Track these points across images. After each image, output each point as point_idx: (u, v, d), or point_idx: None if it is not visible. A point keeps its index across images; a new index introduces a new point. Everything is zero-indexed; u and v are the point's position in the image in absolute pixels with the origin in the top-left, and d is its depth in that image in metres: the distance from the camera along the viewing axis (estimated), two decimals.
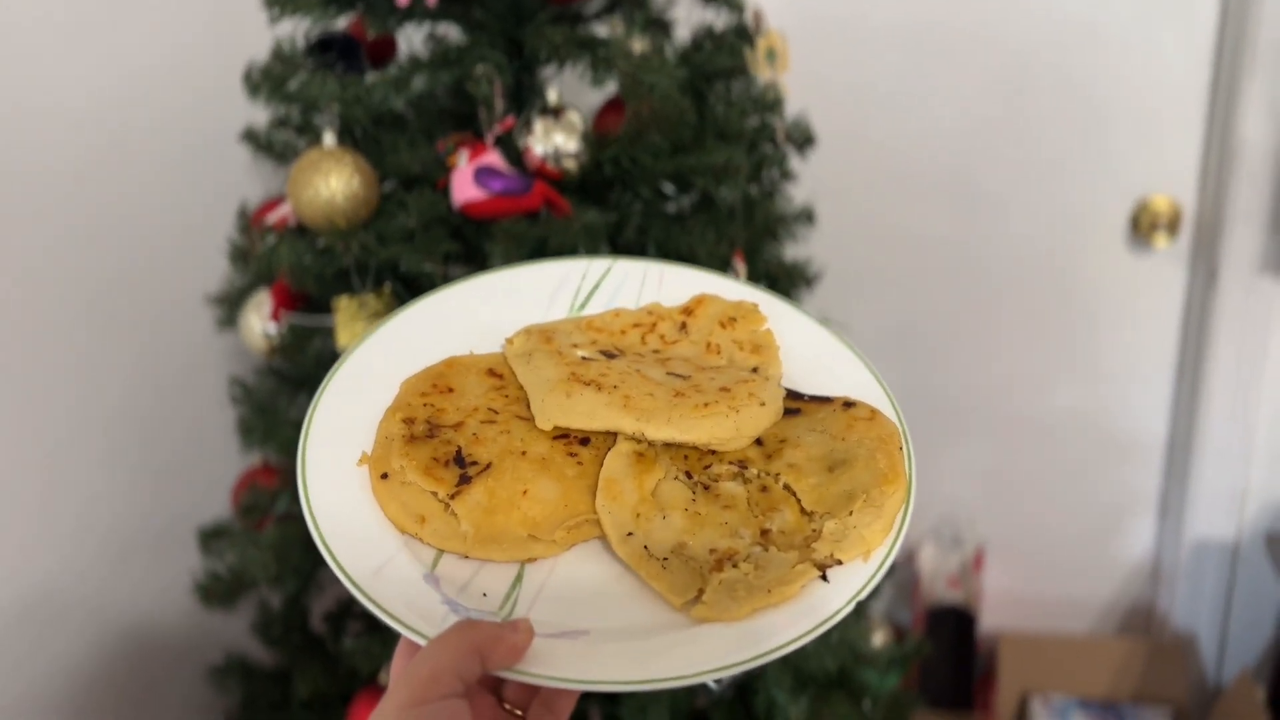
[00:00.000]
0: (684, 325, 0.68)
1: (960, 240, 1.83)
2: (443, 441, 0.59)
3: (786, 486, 0.58)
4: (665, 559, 0.54)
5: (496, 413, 0.61)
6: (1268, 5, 1.55)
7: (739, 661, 0.49)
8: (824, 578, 0.53)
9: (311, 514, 0.54)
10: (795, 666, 1.13)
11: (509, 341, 0.65)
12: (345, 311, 1.02)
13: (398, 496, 0.56)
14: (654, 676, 0.49)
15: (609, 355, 0.64)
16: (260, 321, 1.15)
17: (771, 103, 1.13)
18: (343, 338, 1.01)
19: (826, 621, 0.51)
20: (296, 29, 1.07)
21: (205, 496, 1.40)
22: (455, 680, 0.48)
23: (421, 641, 0.49)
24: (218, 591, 1.21)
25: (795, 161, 1.21)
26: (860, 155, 1.80)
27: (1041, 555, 1.97)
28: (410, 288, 1.04)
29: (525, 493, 0.56)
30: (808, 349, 0.67)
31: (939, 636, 1.82)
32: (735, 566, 0.53)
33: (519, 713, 0.53)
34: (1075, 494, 1.93)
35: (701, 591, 0.52)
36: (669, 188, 1.07)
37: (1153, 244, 1.75)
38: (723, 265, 1.05)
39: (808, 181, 1.32)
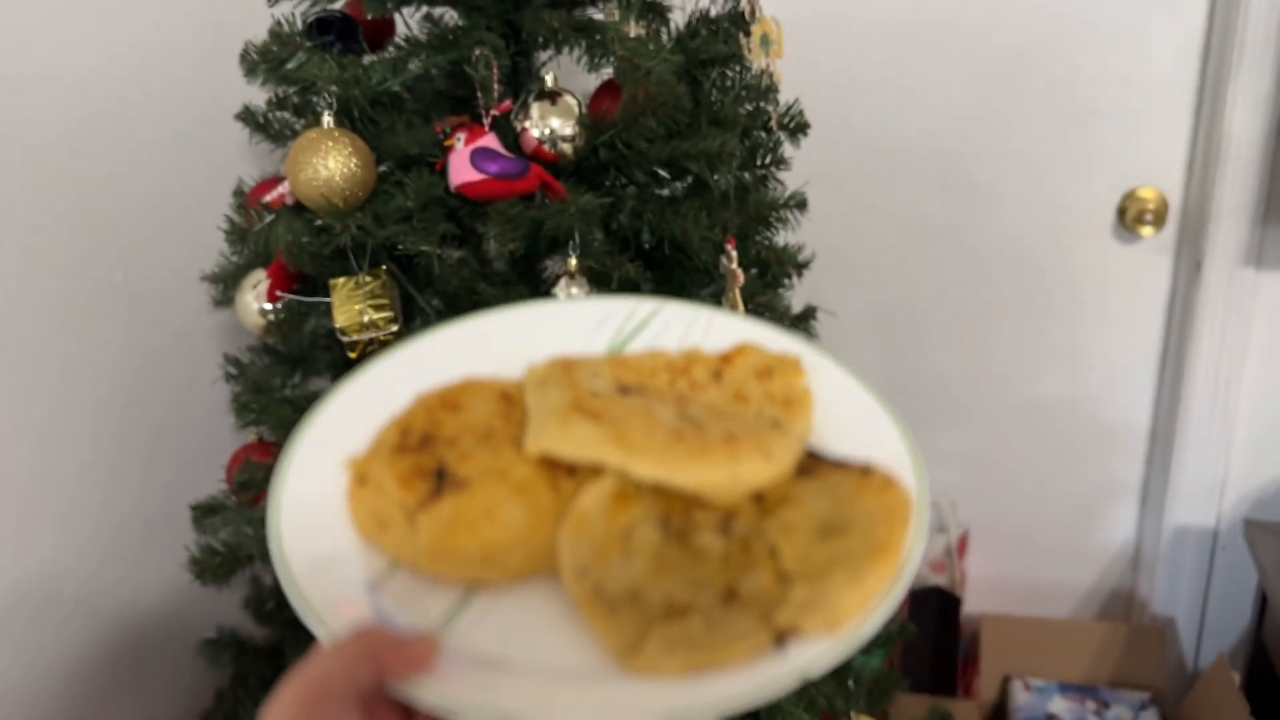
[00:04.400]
0: (719, 373, 0.65)
1: (948, 229, 1.85)
2: (430, 454, 0.58)
3: (772, 548, 0.54)
4: (615, 603, 0.51)
5: (493, 433, 0.59)
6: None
7: (667, 717, 0.46)
8: (780, 646, 0.48)
9: (276, 501, 0.54)
10: None
11: (531, 370, 0.64)
12: (341, 291, 1.03)
13: (369, 502, 0.55)
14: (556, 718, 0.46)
15: (624, 391, 0.62)
16: (256, 300, 1.16)
17: (765, 89, 1.14)
18: (339, 318, 1.02)
19: (769, 688, 0.46)
20: (294, 9, 1.07)
21: (199, 473, 1.40)
22: (347, 686, 0.45)
23: (326, 640, 0.48)
24: (211, 567, 1.22)
25: (787, 148, 1.22)
26: (850, 143, 1.82)
27: (1025, 541, 2.00)
28: (405, 268, 1.05)
29: (491, 515, 0.55)
30: (842, 408, 0.63)
31: (923, 619, 1.85)
32: (685, 621, 0.50)
33: None
34: (1059, 481, 1.96)
35: (642, 641, 0.49)
36: (663, 173, 1.08)
37: (1139, 235, 1.77)
38: (715, 250, 1.06)
39: (798, 168, 1.33)
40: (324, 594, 0.50)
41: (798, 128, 1.19)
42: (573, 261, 1.00)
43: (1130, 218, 1.77)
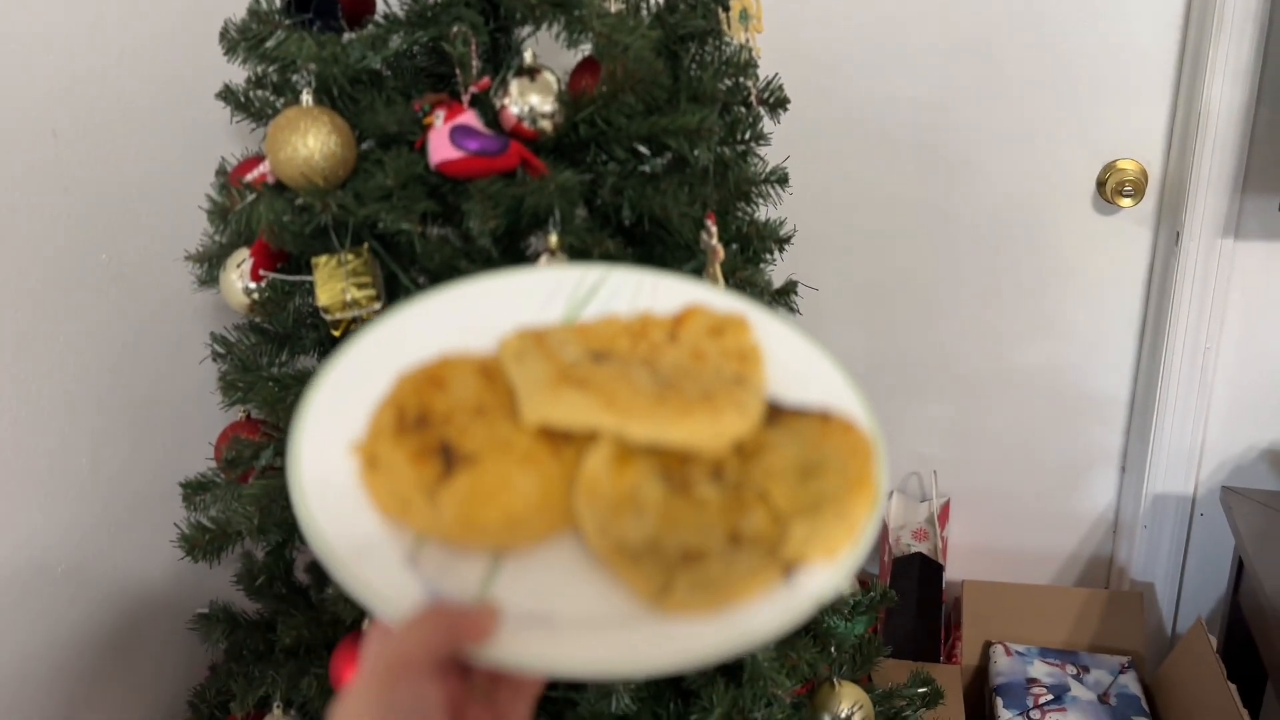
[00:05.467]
0: (674, 334, 0.70)
1: (927, 201, 1.86)
2: (432, 432, 0.61)
3: (760, 491, 0.60)
4: (638, 554, 0.56)
5: (486, 408, 0.63)
6: None
7: (708, 652, 0.51)
8: (788, 577, 0.55)
9: (302, 495, 0.57)
10: None
11: (504, 343, 0.67)
12: (324, 270, 1.04)
13: (385, 483, 0.59)
14: (622, 663, 0.51)
15: (597, 358, 0.67)
16: (240, 279, 1.17)
17: (744, 64, 1.14)
18: (322, 296, 1.03)
19: (792, 614, 0.53)
20: None
21: (188, 450, 1.42)
22: (426, 660, 0.49)
23: (394, 620, 0.51)
24: (202, 544, 1.23)
25: (767, 123, 1.23)
26: (829, 116, 1.82)
27: (1006, 508, 2.03)
28: (388, 246, 1.06)
29: (506, 485, 0.59)
30: (792, 361, 0.69)
31: (905, 586, 1.88)
32: (704, 563, 0.56)
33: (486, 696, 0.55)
34: (1039, 449, 1.98)
35: (670, 584, 0.55)
36: (643, 149, 1.09)
37: (1119, 206, 1.78)
38: (695, 226, 1.07)
39: (777, 142, 1.34)
40: (374, 575, 0.54)
41: (777, 103, 1.19)
42: (553, 238, 1.01)
43: (1110, 189, 1.78)
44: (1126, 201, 1.77)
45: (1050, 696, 1.75)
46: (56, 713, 1.31)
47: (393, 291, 1.11)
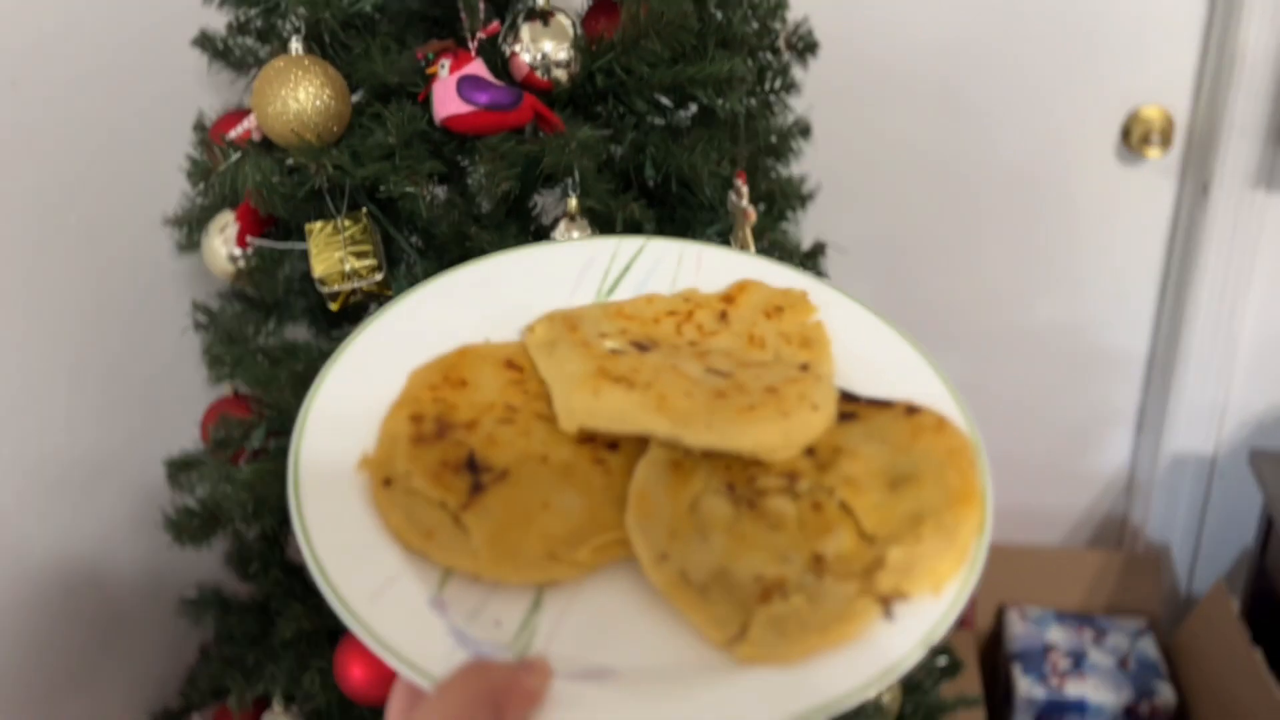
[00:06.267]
0: (724, 314, 0.60)
1: (947, 152, 1.77)
2: (454, 443, 0.51)
3: (843, 505, 0.50)
4: (705, 586, 0.47)
5: (515, 411, 0.54)
6: None
7: (795, 713, 0.42)
8: (888, 615, 0.45)
9: (304, 525, 0.47)
10: None
11: (529, 330, 0.58)
12: (319, 237, 0.95)
13: (402, 506, 0.49)
14: None
15: (641, 348, 0.57)
16: (225, 245, 1.07)
17: (774, 6, 1.05)
18: (317, 267, 0.94)
19: (894, 668, 0.43)
20: None
21: (170, 427, 1.33)
22: None
23: (425, 684, 0.42)
24: (190, 529, 1.15)
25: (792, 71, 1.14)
26: (842, 68, 1.72)
27: (1019, 466, 1.97)
28: (388, 211, 0.96)
29: (545, 505, 0.49)
30: (861, 344, 0.59)
31: None
32: (785, 598, 0.46)
33: None
34: (1054, 406, 1.92)
35: (746, 627, 0.45)
36: (665, 100, 1.00)
37: (1144, 156, 1.70)
38: (724, 185, 0.98)
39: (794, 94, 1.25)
40: (395, 625, 0.44)
41: (806, 48, 1.10)
42: (573, 202, 0.92)
43: (1135, 138, 1.70)
44: (1153, 151, 1.69)
45: (1069, 663, 1.71)
46: (37, 703, 1.24)
47: (392, 262, 1.02)
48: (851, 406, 0.55)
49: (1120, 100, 1.70)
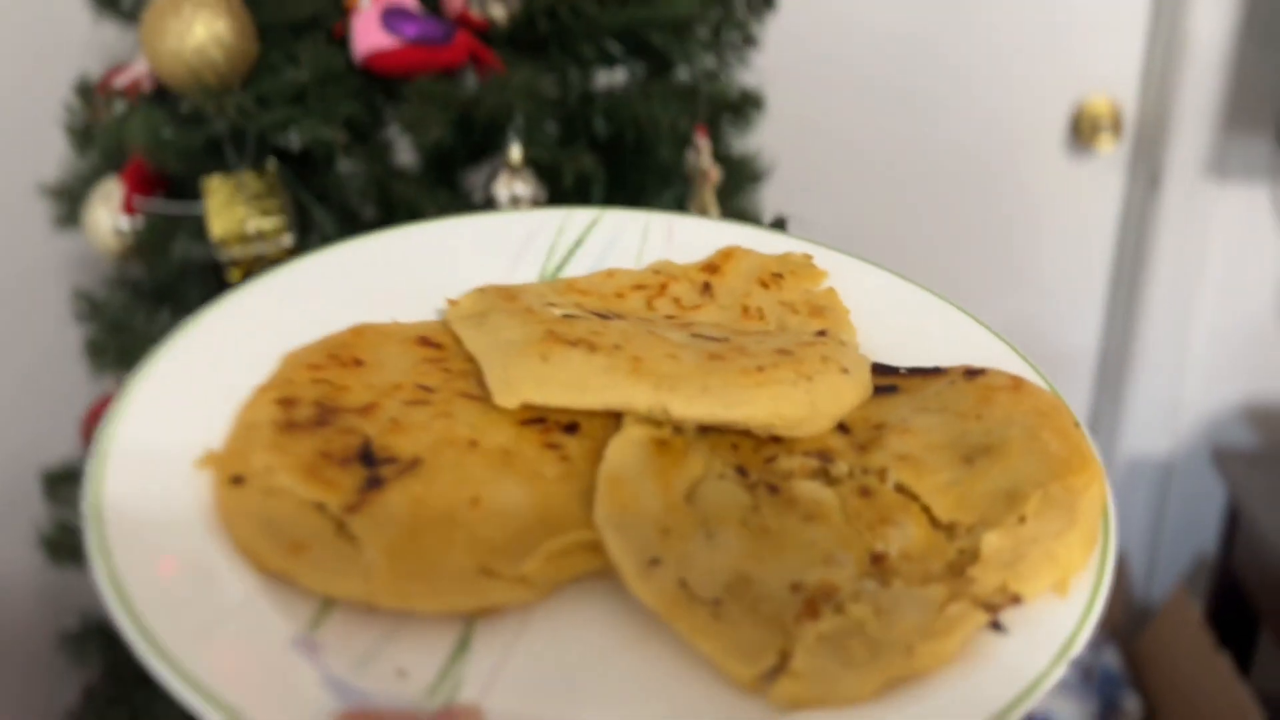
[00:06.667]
0: (707, 286, 0.49)
1: (893, 145, 1.71)
2: (340, 430, 0.39)
3: (900, 487, 0.39)
4: (717, 601, 0.34)
5: (431, 391, 0.41)
6: None
7: None
8: (996, 625, 0.34)
9: (100, 536, 0.33)
10: None
11: (453, 302, 0.46)
12: (219, 195, 0.82)
13: (257, 511, 0.36)
14: None
15: (603, 317, 0.45)
16: (110, 215, 0.94)
17: None
18: (216, 226, 0.81)
19: (1024, 697, 0.31)
20: None
21: (48, 432, 1.18)
22: None
23: None
24: (68, 546, 1.01)
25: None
26: (779, 54, 1.65)
27: None
28: (301, 163, 0.84)
29: (475, 501, 0.37)
30: (888, 312, 0.50)
31: None
32: (841, 612, 0.34)
33: None
34: None
35: (786, 654, 0.33)
36: (615, 48, 0.90)
37: (1096, 148, 1.66)
38: (682, 143, 0.89)
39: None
40: (233, 675, 0.30)
41: (765, 2, 1.01)
42: (515, 152, 0.81)
43: (1083, 130, 1.66)
44: (1101, 142, 1.65)
45: None
46: None
47: (305, 230, 0.89)
48: (889, 379, 0.45)
49: (1068, 91, 1.66)
